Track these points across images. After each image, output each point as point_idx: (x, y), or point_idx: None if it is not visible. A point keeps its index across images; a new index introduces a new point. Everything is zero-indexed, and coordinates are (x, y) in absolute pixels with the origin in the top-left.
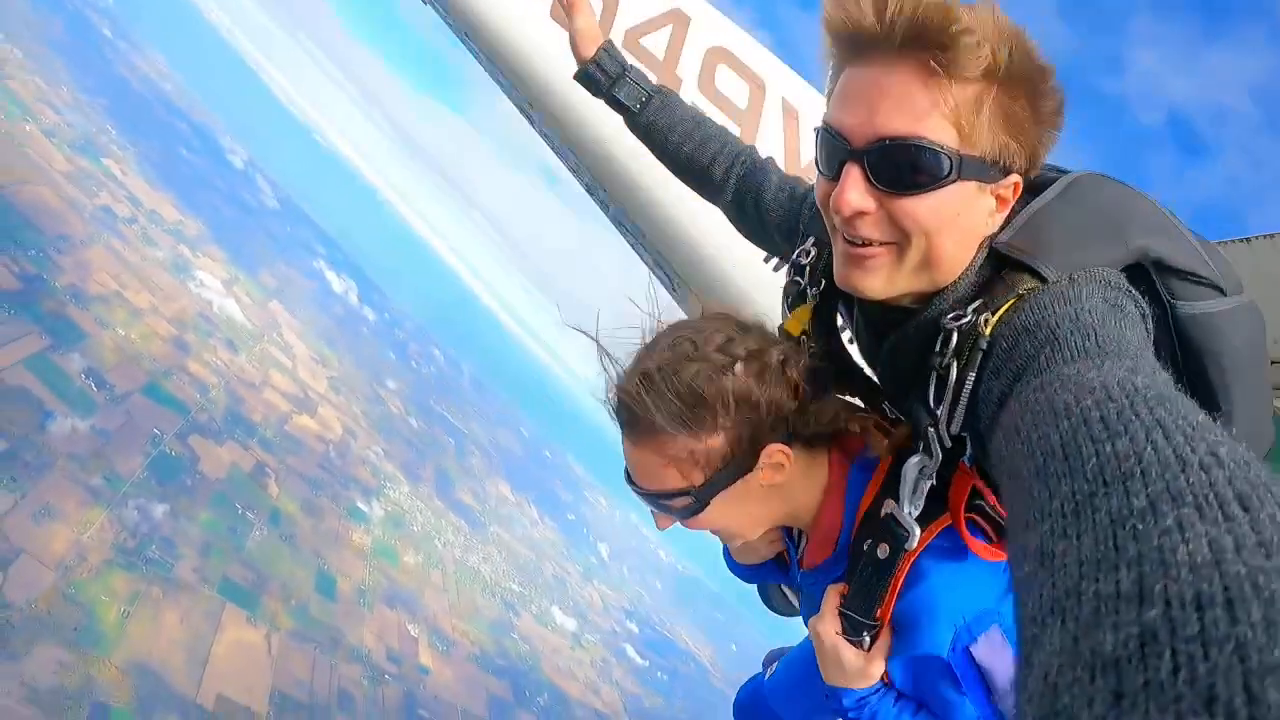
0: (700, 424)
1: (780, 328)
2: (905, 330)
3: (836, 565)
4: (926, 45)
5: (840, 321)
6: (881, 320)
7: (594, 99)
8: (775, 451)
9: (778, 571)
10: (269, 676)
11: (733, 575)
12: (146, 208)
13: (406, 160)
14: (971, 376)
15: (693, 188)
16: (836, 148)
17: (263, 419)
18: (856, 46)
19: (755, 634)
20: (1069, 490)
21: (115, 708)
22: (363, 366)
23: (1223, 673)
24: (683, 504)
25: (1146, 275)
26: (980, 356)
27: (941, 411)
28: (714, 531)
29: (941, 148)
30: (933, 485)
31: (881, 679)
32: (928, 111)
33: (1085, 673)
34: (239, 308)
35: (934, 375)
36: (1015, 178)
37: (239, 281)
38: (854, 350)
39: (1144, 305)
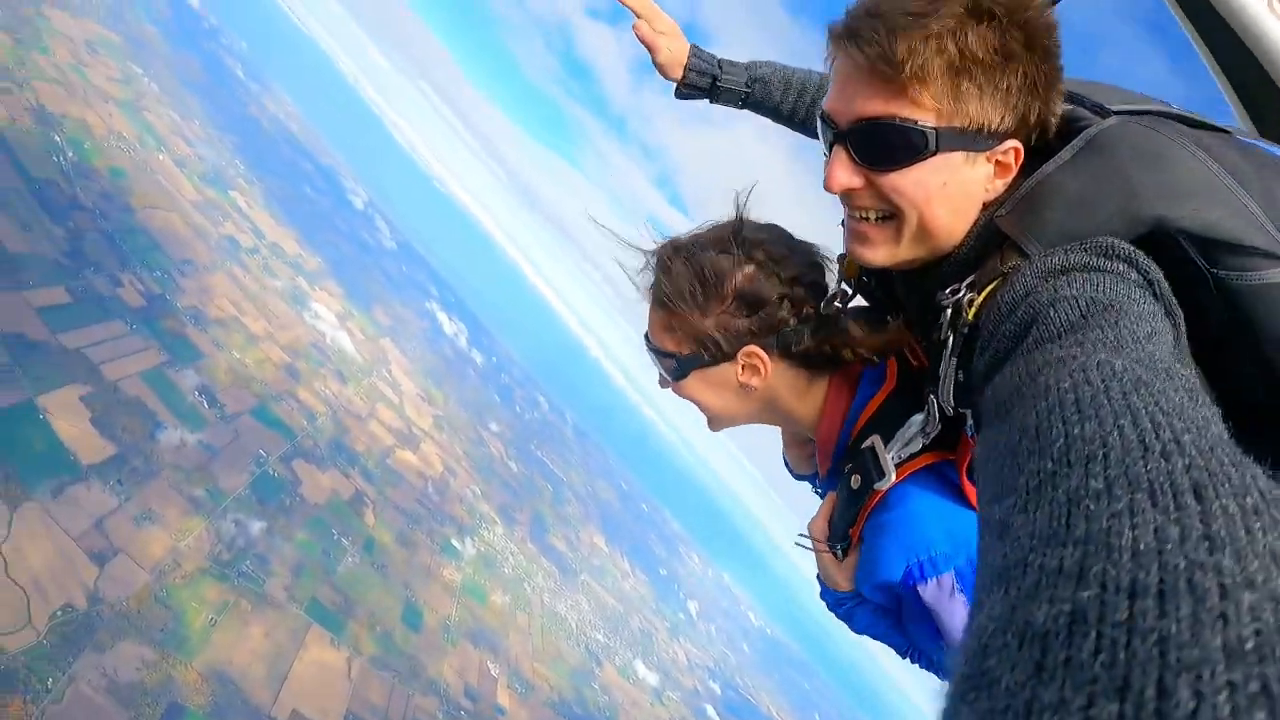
0: (696, 302)
1: (841, 258)
2: (910, 298)
3: (833, 478)
4: (895, 32)
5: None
6: (904, 284)
7: None
8: (751, 353)
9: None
10: (345, 699)
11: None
12: (269, 240)
13: (522, 209)
14: (954, 362)
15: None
16: (826, 130)
17: (366, 450)
18: (843, 38)
19: (841, 705)
20: (1035, 468)
21: (191, 709)
22: (467, 407)
23: (1140, 663)
24: (668, 366)
25: (1175, 242)
26: (963, 340)
27: (940, 384)
28: (698, 407)
29: (916, 123)
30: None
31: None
32: (903, 89)
33: (1014, 640)
34: (351, 342)
35: (935, 347)
36: (1012, 143)
37: (353, 317)
38: None
39: (1154, 273)
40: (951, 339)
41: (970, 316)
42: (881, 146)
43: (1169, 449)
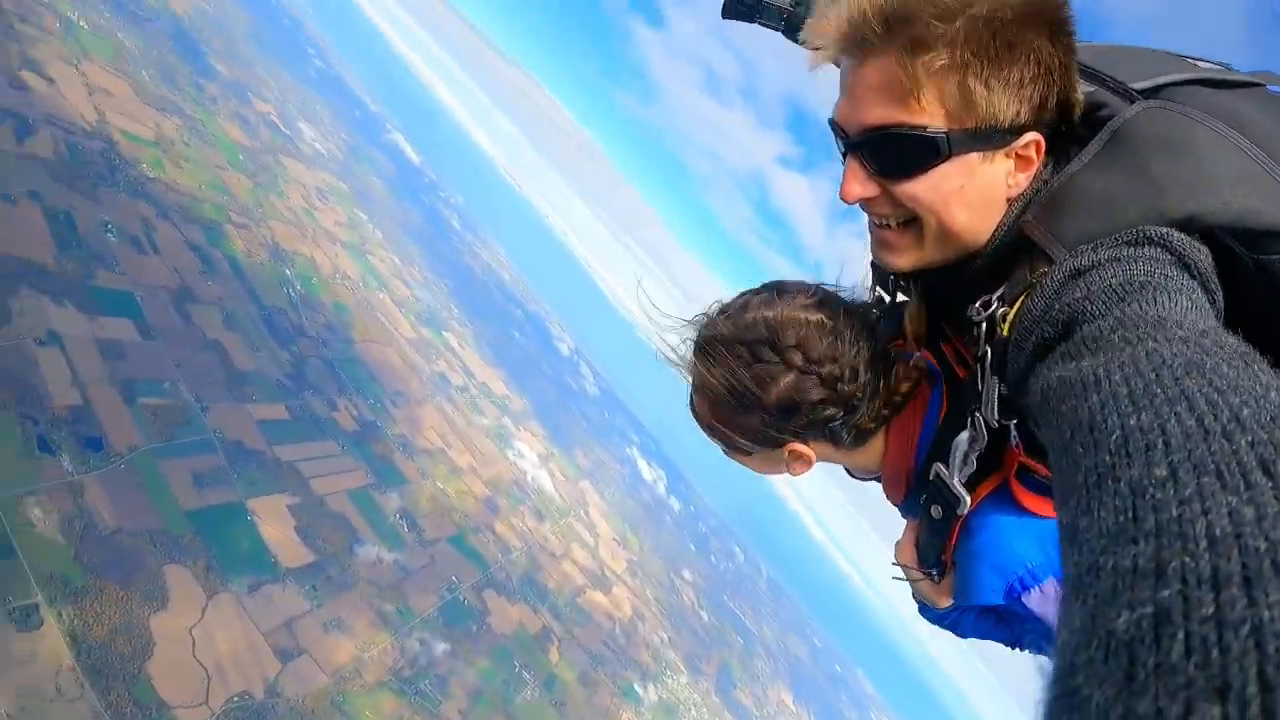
0: (734, 409)
1: (902, 316)
2: (941, 301)
3: (911, 507)
4: (894, 35)
5: None
6: (942, 282)
7: None
8: (795, 450)
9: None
10: None
11: None
12: (478, 380)
13: None
14: (995, 379)
15: None
16: (838, 141)
17: (557, 587)
18: (844, 44)
19: None
20: (1092, 463)
21: None
22: (662, 553)
23: (1237, 658)
24: (718, 444)
25: (1210, 234)
26: (1000, 354)
27: (983, 400)
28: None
29: (925, 129)
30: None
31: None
32: (908, 95)
33: (1099, 652)
34: (551, 482)
35: (975, 361)
36: (1031, 135)
37: (554, 458)
38: None
39: (1188, 251)
40: (990, 354)
41: (1005, 331)
42: (893, 156)
43: (1229, 428)
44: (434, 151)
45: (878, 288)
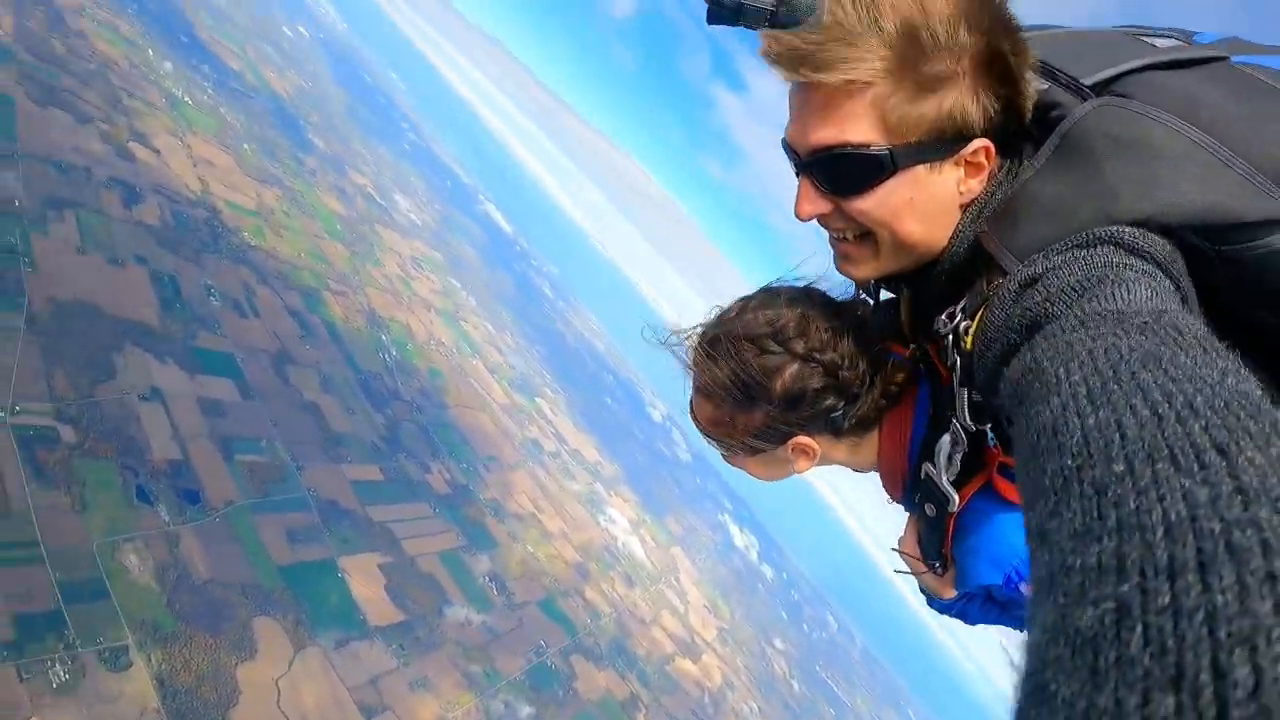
0: (739, 404)
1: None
2: (920, 305)
3: (909, 503)
4: (832, 56)
5: None
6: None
7: None
8: (799, 444)
9: None
10: None
11: None
12: (570, 445)
13: None
14: (965, 390)
15: None
16: (790, 161)
17: (646, 654)
18: (787, 68)
19: None
20: (1057, 466)
21: None
22: (753, 622)
23: (1191, 646)
24: (718, 448)
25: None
26: (967, 369)
27: (957, 406)
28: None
29: (868, 147)
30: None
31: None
32: (849, 115)
33: (1066, 649)
34: (642, 548)
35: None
36: (979, 142)
37: (645, 524)
38: None
39: (1143, 242)
40: (958, 364)
41: (969, 345)
42: (841, 175)
43: (1183, 414)
44: (525, 220)
45: (861, 291)
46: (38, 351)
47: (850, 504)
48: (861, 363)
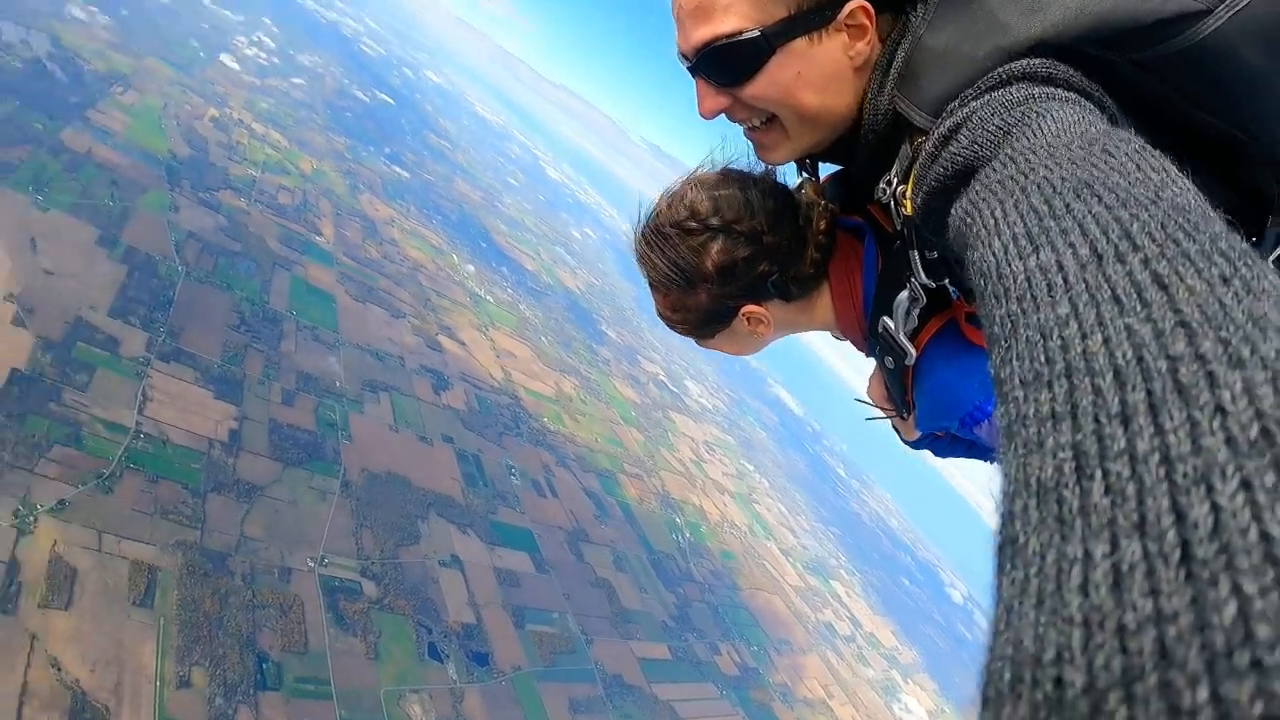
0: (682, 288)
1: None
2: (858, 182)
3: (874, 353)
4: None
5: None
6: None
7: None
8: (749, 312)
9: None
10: None
11: None
12: (866, 630)
13: None
14: (915, 252)
15: None
16: (684, 65)
17: None
18: None
19: None
20: (1004, 313)
21: None
22: None
23: (1150, 490)
24: (686, 336)
25: (1074, 52)
26: (912, 228)
27: (911, 268)
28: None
29: (741, 34)
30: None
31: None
32: (717, 8)
33: (1031, 499)
34: None
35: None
36: (853, 4)
37: (945, 714)
38: None
39: (1056, 70)
40: (905, 230)
41: (908, 208)
42: (725, 67)
43: (1122, 249)
44: (815, 401)
45: (801, 172)
46: (349, 513)
47: None
48: (785, 224)
